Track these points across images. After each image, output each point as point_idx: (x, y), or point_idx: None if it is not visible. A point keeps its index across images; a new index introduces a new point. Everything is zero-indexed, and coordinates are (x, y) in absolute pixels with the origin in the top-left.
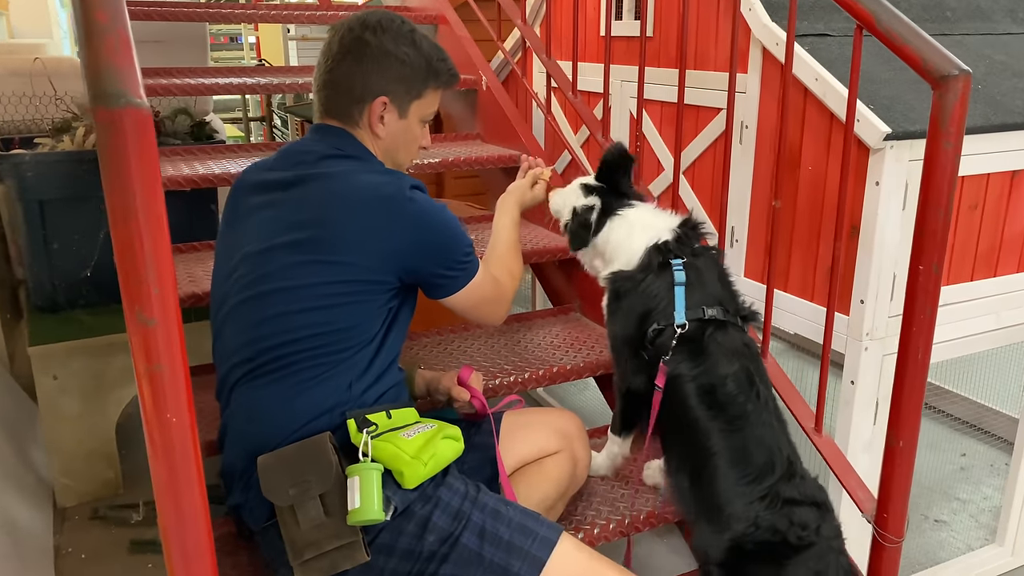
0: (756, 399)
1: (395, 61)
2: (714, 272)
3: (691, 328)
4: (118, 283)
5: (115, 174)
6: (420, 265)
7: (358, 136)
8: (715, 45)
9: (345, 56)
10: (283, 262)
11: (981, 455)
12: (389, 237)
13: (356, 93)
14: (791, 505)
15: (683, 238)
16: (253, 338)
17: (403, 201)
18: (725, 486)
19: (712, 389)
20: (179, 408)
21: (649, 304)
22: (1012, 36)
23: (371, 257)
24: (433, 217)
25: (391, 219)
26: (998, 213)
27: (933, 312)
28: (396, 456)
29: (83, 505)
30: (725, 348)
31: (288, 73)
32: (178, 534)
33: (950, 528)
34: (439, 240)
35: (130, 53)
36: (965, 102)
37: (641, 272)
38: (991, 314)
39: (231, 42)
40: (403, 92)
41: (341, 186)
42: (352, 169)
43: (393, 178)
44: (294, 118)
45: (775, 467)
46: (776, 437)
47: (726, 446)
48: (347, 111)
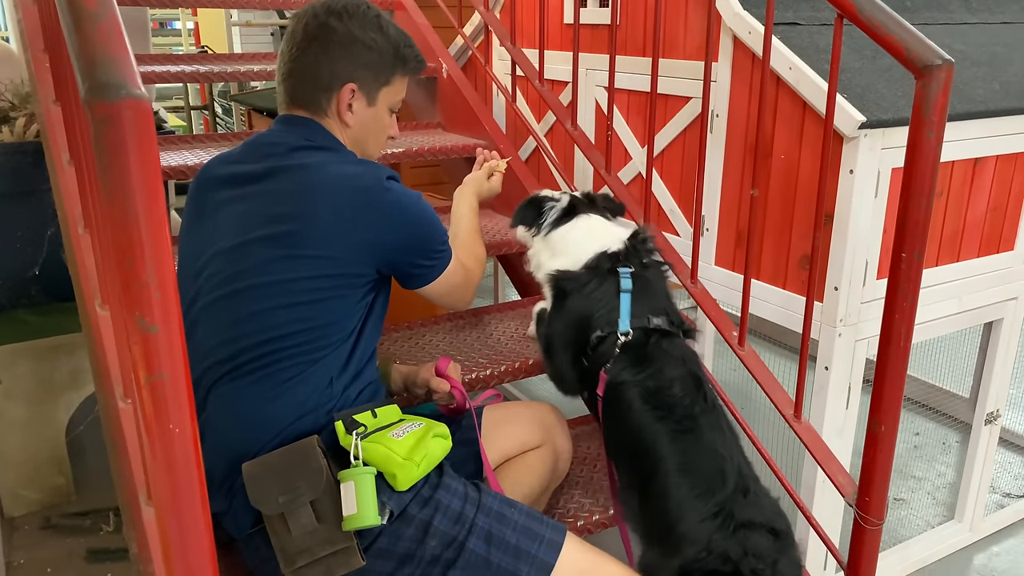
0: (704, 402)
1: (362, 47)
2: (661, 285)
3: (635, 336)
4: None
5: (114, 172)
6: (398, 256)
7: (326, 126)
8: (683, 33)
9: (311, 43)
10: (259, 257)
11: (933, 433)
12: (367, 229)
13: (323, 81)
14: (747, 529)
15: (632, 250)
16: (230, 337)
17: (380, 192)
18: (676, 497)
19: (658, 391)
20: (182, 418)
21: (593, 308)
22: (968, 25)
23: (349, 250)
24: (411, 208)
25: (369, 211)
26: (961, 200)
27: (915, 299)
28: (388, 458)
29: (33, 514)
30: (671, 355)
31: (240, 60)
32: (181, 549)
33: (909, 506)
34: (418, 231)
35: (123, 40)
36: (947, 92)
37: (587, 274)
38: (954, 298)
39: (161, 27)
40: (371, 79)
41: (316, 178)
42: (326, 160)
43: (369, 168)
44: (238, 106)
45: (726, 477)
46: (727, 445)
47: (674, 451)
48: (314, 100)
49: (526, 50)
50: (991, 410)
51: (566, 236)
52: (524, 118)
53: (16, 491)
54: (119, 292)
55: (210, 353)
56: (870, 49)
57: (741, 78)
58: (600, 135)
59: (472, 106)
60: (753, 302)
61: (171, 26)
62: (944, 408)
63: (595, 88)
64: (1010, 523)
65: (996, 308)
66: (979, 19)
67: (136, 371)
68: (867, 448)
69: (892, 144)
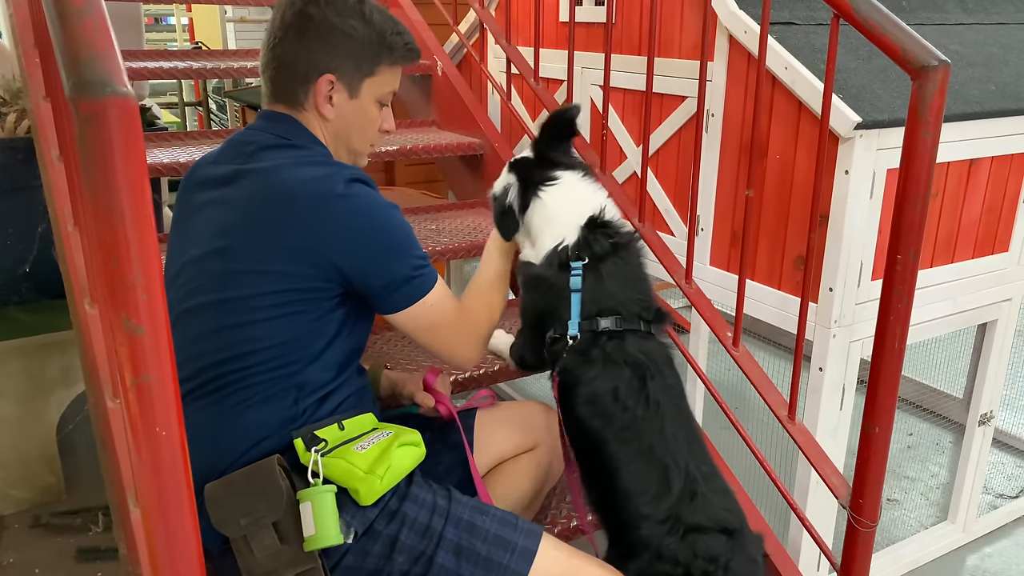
0: (645, 406)
1: (341, 35)
2: (619, 275)
3: (583, 339)
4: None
5: (99, 170)
6: (355, 271)
7: (305, 120)
8: (679, 32)
9: (287, 32)
10: (215, 271)
11: (926, 434)
12: (317, 239)
13: (300, 71)
14: (696, 532)
15: (585, 241)
16: (190, 356)
17: (331, 198)
18: (626, 503)
19: (595, 398)
20: (168, 421)
21: (550, 305)
22: (964, 26)
23: (302, 263)
24: (369, 216)
25: (318, 219)
26: (956, 201)
27: (910, 300)
28: (349, 473)
29: (23, 513)
30: (613, 359)
31: (234, 57)
32: (167, 552)
33: (902, 507)
34: (375, 242)
35: (109, 36)
36: (944, 92)
37: (546, 269)
38: (948, 299)
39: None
40: (352, 69)
41: (268, 184)
42: (284, 163)
43: (329, 170)
44: (232, 103)
45: (671, 484)
46: (669, 449)
47: (619, 459)
48: (292, 92)
49: (521, 48)
50: (985, 411)
51: (532, 222)
52: (519, 116)
53: (6, 490)
54: (105, 293)
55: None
56: (866, 49)
57: (737, 78)
58: (595, 134)
59: (467, 104)
60: (748, 302)
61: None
62: (938, 409)
63: (590, 87)
64: (1003, 524)
65: (990, 309)
66: (975, 20)
67: (122, 373)
68: (861, 449)
69: (888, 145)
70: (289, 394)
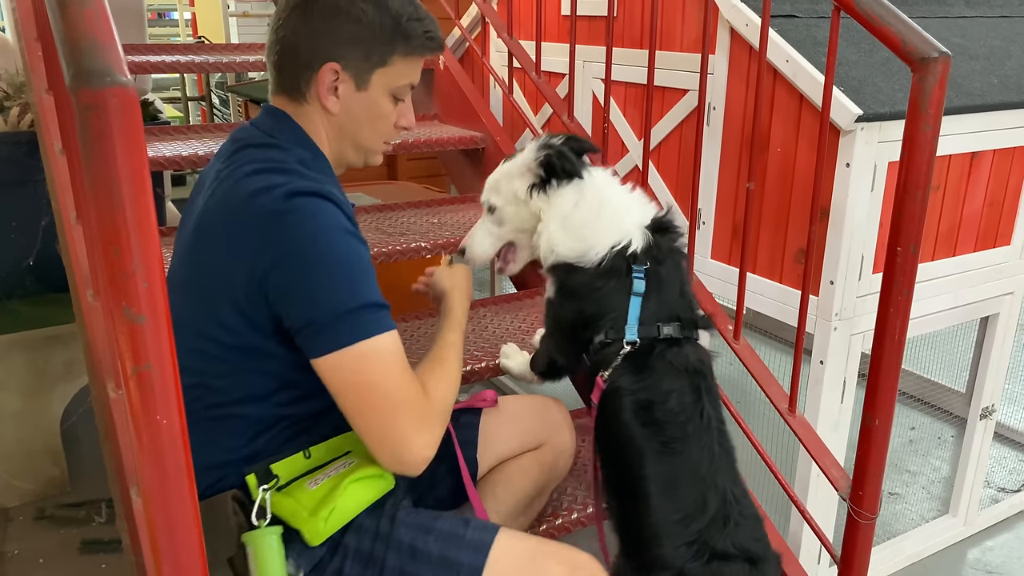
0: (699, 418)
1: (348, 20)
2: (676, 280)
3: (641, 344)
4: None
5: (99, 160)
6: (277, 297)
7: (305, 116)
8: (680, 25)
9: (292, 12)
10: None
11: (928, 428)
12: (250, 260)
13: (302, 58)
14: (721, 560)
15: (653, 246)
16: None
17: (267, 215)
18: (654, 518)
19: (650, 405)
20: (169, 410)
21: (601, 309)
22: (967, 19)
23: (235, 288)
24: (305, 236)
25: (252, 235)
26: (958, 194)
27: (910, 293)
28: (295, 514)
29: (28, 505)
30: (674, 365)
31: (237, 51)
32: (168, 541)
33: (904, 500)
34: (306, 264)
35: (110, 26)
36: (944, 84)
37: (599, 277)
38: (949, 293)
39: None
40: (360, 58)
41: (219, 196)
42: (244, 169)
43: (279, 180)
44: (235, 98)
45: (707, 506)
46: (713, 467)
47: (659, 471)
48: (294, 82)
49: (523, 42)
50: (986, 405)
51: (576, 209)
52: (521, 110)
53: (10, 482)
54: (106, 282)
55: None
56: (868, 42)
57: (738, 71)
58: (597, 127)
59: (469, 98)
60: (749, 296)
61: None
62: (939, 403)
63: (592, 80)
64: (1004, 518)
65: (992, 303)
66: (977, 13)
67: (123, 362)
68: (861, 442)
69: (889, 138)
70: (247, 431)
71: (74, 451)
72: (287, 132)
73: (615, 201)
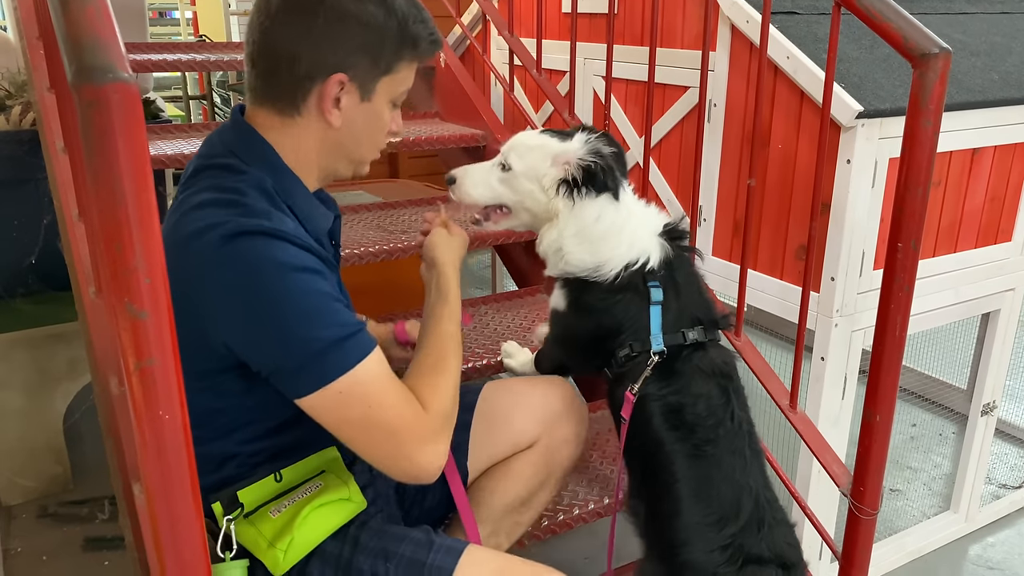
0: (730, 421)
1: (356, 25)
2: (692, 283)
3: (668, 352)
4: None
5: (101, 157)
6: (242, 349)
7: (294, 128)
8: (681, 22)
9: (286, 16)
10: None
11: (929, 424)
12: (196, 310)
13: (302, 68)
14: (756, 565)
15: (668, 256)
16: None
17: (206, 263)
18: (686, 522)
19: (680, 408)
20: (171, 405)
21: (619, 321)
22: (968, 15)
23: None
24: (250, 283)
25: (194, 285)
26: (959, 190)
27: (911, 289)
28: (256, 545)
29: (31, 503)
30: (701, 368)
31: (238, 49)
32: (172, 539)
33: (905, 497)
34: (262, 313)
35: (111, 21)
36: (945, 81)
37: (615, 292)
38: (950, 289)
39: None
40: (368, 66)
41: (169, 225)
42: (191, 202)
43: (218, 218)
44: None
45: (741, 510)
46: (746, 471)
47: (691, 475)
48: (288, 94)
49: (524, 39)
50: (987, 401)
51: (601, 219)
52: (522, 108)
53: (13, 480)
54: (108, 278)
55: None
56: (868, 38)
57: (739, 67)
58: (598, 125)
59: (470, 96)
60: (750, 292)
61: (170, 15)
62: (941, 399)
63: (593, 77)
64: (1005, 514)
65: (993, 299)
66: (979, 9)
67: (126, 358)
68: (862, 438)
69: (889, 134)
70: (211, 462)
71: (77, 449)
72: (250, 150)
73: (636, 219)
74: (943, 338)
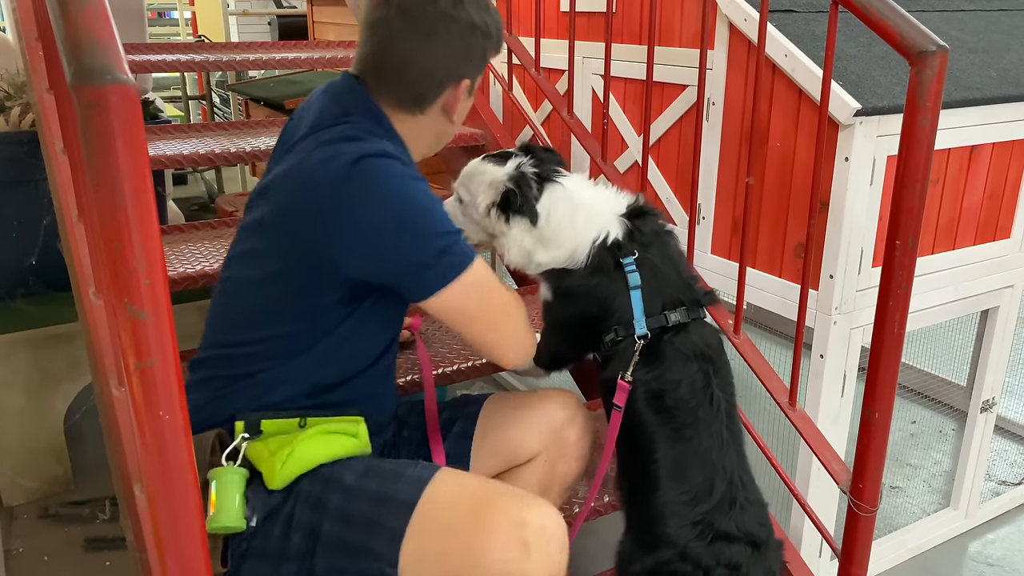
0: (709, 405)
1: (482, 37)
2: (670, 262)
3: (652, 335)
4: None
5: (100, 158)
6: (367, 260)
7: (416, 123)
8: (679, 20)
9: (421, 33)
10: (231, 252)
11: (929, 422)
12: (323, 232)
13: (436, 78)
14: (724, 541)
15: (633, 232)
16: (204, 332)
17: (336, 184)
18: (661, 500)
19: (661, 394)
20: (171, 405)
21: (603, 307)
22: (966, 13)
23: (305, 257)
24: (379, 196)
25: (323, 210)
26: (957, 187)
27: (909, 286)
28: (258, 456)
29: (32, 503)
30: (682, 352)
31: (237, 49)
32: (172, 537)
33: (905, 494)
34: (388, 223)
35: (110, 24)
36: (942, 78)
37: (591, 275)
38: (949, 286)
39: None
40: (479, 67)
41: (291, 170)
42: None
43: (338, 149)
44: (236, 96)
45: (713, 489)
46: (722, 452)
47: (669, 455)
48: (418, 98)
49: (522, 38)
50: (987, 398)
51: (549, 215)
52: (520, 106)
53: (15, 480)
54: (108, 278)
55: (205, 336)
56: (866, 36)
57: (737, 66)
58: (596, 123)
59: None
60: (749, 290)
61: (169, 15)
62: (941, 396)
63: (591, 76)
64: (1005, 511)
65: (992, 296)
66: (977, 6)
67: (126, 358)
68: (861, 435)
69: (887, 131)
70: (262, 386)
71: (78, 449)
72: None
73: (586, 201)
74: (943, 335)
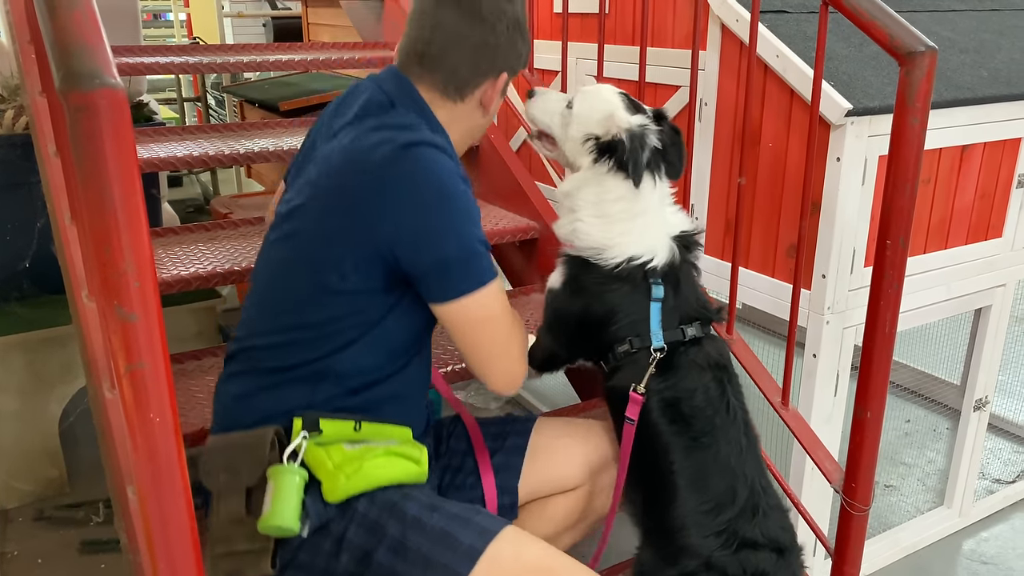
0: (726, 412)
1: (521, 35)
2: (691, 279)
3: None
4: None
5: (90, 161)
6: (404, 244)
7: (454, 111)
8: (672, 22)
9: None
10: (271, 236)
11: (923, 420)
12: (367, 214)
13: (481, 68)
14: (750, 549)
15: (674, 260)
16: (242, 320)
17: (386, 165)
18: (682, 511)
19: (677, 402)
20: (162, 408)
21: (609, 311)
22: (957, 13)
23: (348, 245)
24: (426, 183)
25: (370, 191)
26: (949, 187)
27: (900, 285)
28: (320, 464)
29: (27, 506)
30: (698, 363)
31: (232, 51)
32: (163, 537)
33: (899, 492)
34: (430, 212)
35: (98, 28)
36: (931, 78)
37: (612, 279)
38: (942, 285)
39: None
40: (516, 66)
41: (336, 153)
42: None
43: (390, 135)
44: (231, 98)
45: (736, 496)
46: (742, 459)
47: (688, 465)
48: (460, 86)
49: None
50: (980, 396)
51: (615, 202)
52: (514, 107)
53: (9, 483)
54: (98, 281)
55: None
56: (857, 37)
57: (729, 66)
58: None
59: None
60: (741, 290)
61: (164, 17)
62: (934, 395)
63: (584, 77)
64: (999, 509)
65: (985, 295)
66: (967, 6)
67: (116, 361)
68: (853, 434)
69: (878, 132)
70: (309, 380)
71: (72, 452)
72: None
73: (652, 215)
74: (936, 334)
